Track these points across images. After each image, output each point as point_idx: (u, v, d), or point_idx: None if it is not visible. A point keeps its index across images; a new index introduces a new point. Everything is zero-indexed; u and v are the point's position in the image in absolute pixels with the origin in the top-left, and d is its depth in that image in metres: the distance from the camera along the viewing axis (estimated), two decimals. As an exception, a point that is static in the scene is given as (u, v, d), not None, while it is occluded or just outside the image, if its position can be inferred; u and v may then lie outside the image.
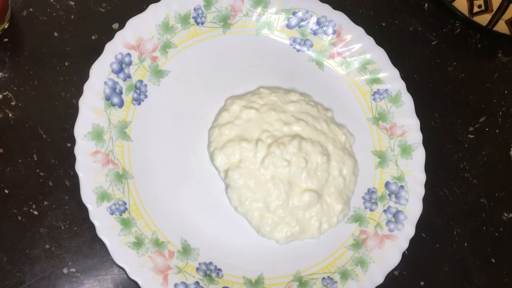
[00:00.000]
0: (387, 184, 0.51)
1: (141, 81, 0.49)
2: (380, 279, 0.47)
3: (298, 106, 0.50)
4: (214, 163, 0.48)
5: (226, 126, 0.49)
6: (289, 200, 0.47)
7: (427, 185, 0.51)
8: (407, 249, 0.49)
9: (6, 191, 0.45)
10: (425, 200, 0.51)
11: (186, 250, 0.46)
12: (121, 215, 0.45)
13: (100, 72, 0.47)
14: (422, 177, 0.51)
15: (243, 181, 0.47)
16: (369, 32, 0.55)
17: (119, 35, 0.49)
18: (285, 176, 0.47)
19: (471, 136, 0.57)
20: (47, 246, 0.45)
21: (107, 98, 0.47)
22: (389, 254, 0.48)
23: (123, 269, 0.43)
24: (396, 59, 0.55)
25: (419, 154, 0.52)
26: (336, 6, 0.55)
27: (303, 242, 0.48)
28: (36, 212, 0.45)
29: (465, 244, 0.53)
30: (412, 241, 0.49)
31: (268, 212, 0.47)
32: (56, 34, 0.51)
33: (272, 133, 0.48)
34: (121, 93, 0.48)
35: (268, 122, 0.49)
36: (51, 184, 0.46)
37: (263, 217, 0.47)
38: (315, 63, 0.55)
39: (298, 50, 0.55)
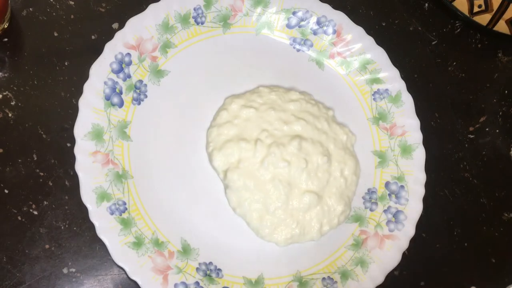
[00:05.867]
0: (387, 184, 0.51)
1: (141, 81, 0.49)
2: (380, 279, 0.47)
3: (298, 105, 0.50)
4: (213, 163, 0.48)
5: (224, 125, 0.49)
6: (289, 201, 0.47)
7: (427, 185, 0.51)
8: (407, 249, 0.49)
9: (6, 191, 0.45)
10: (425, 200, 0.51)
11: (186, 250, 0.46)
12: (121, 215, 0.45)
13: (100, 72, 0.47)
14: (422, 177, 0.51)
15: (242, 182, 0.47)
16: (369, 32, 0.55)
17: (119, 35, 0.49)
18: (285, 177, 0.47)
19: (471, 136, 0.57)
20: (47, 246, 0.45)
21: (107, 98, 0.47)
22: (389, 254, 0.48)
23: (123, 269, 0.43)
24: (396, 59, 0.55)
25: (419, 154, 0.52)
26: (336, 6, 0.55)
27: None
28: (36, 212, 0.45)
29: (465, 244, 0.53)
30: (412, 241, 0.49)
31: (267, 214, 0.47)
32: (56, 34, 0.51)
33: (271, 133, 0.48)
34: (121, 93, 0.48)
35: (267, 121, 0.49)
36: (51, 184, 0.46)
37: (262, 218, 0.47)
38: (315, 63, 0.55)
39: (298, 50, 0.55)
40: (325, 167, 0.48)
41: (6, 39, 0.49)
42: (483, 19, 0.57)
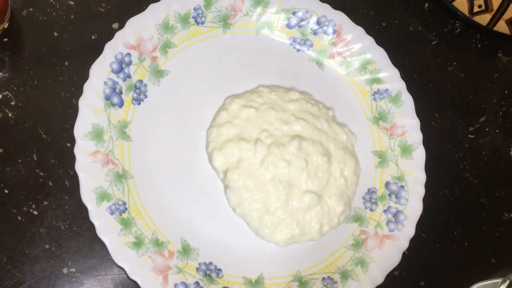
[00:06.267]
0: (387, 184, 0.51)
1: (141, 81, 0.49)
2: (380, 279, 0.47)
3: (298, 105, 0.50)
4: (213, 163, 0.48)
5: (224, 125, 0.49)
6: (289, 201, 0.47)
7: (427, 185, 0.51)
8: (407, 249, 0.49)
9: (6, 191, 0.45)
10: (425, 200, 0.51)
11: (186, 250, 0.46)
12: (121, 215, 0.45)
13: (100, 72, 0.47)
14: (422, 177, 0.51)
15: (242, 182, 0.47)
16: (369, 32, 0.55)
17: (119, 35, 0.49)
18: (285, 177, 0.47)
19: (471, 136, 0.57)
20: (47, 246, 0.45)
21: (107, 98, 0.47)
22: (389, 254, 0.48)
23: (123, 269, 0.43)
24: (396, 59, 0.55)
25: (419, 154, 0.52)
26: (336, 6, 0.55)
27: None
28: (36, 212, 0.45)
29: (465, 244, 0.53)
30: (412, 241, 0.49)
31: (267, 214, 0.47)
32: (56, 34, 0.51)
33: (271, 133, 0.48)
34: (121, 93, 0.48)
35: (267, 121, 0.49)
36: (51, 184, 0.46)
37: (262, 219, 0.47)
38: (315, 63, 0.55)
39: (298, 50, 0.55)
40: (325, 167, 0.48)
41: (6, 39, 0.49)
42: (483, 19, 0.57)
